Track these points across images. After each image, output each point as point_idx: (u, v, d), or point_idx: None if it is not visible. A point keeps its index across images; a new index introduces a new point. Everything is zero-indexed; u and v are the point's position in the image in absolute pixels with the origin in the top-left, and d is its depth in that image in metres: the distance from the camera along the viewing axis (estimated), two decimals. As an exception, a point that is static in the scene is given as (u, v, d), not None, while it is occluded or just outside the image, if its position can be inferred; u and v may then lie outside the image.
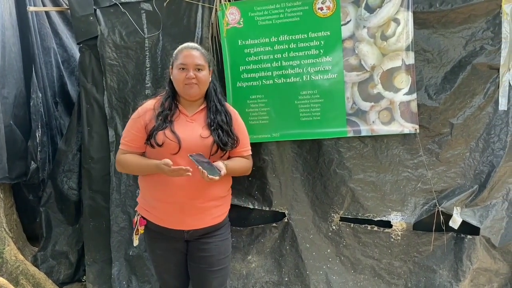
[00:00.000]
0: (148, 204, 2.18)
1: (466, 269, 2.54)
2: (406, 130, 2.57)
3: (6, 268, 3.00)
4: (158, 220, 2.14)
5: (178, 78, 2.11)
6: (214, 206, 2.15)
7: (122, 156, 2.15)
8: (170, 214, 2.10)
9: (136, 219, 2.23)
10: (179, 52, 2.17)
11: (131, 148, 2.14)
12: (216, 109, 2.19)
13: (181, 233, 2.13)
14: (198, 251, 2.17)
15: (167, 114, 2.11)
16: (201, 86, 2.13)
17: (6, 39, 3.16)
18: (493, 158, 2.54)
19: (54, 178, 3.29)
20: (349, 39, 2.57)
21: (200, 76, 2.11)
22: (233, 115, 2.25)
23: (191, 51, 2.14)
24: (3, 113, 3.11)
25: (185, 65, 2.10)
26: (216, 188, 2.13)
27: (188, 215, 2.09)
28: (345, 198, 2.70)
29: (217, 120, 2.15)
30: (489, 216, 2.55)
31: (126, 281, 2.94)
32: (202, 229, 2.14)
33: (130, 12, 2.84)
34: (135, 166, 2.14)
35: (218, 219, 2.19)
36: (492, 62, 2.50)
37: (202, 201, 2.09)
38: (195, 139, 2.07)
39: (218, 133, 2.12)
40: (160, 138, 2.04)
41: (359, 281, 2.72)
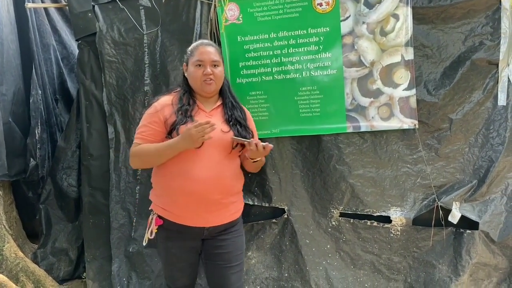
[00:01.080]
0: (166, 201, 2.13)
1: (465, 264, 2.54)
2: (405, 126, 2.58)
3: (6, 265, 3.01)
4: (177, 218, 2.10)
5: (195, 75, 2.13)
6: (231, 202, 2.17)
7: (138, 147, 2.11)
8: (191, 210, 2.07)
9: (151, 218, 2.18)
10: (194, 48, 2.18)
11: (148, 142, 2.11)
12: (233, 105, 2.23)
13: (201, 231, 2.12)
14: (214, 248, 2.17)
15: (186, 109, 2.11)
16: (218, 82, 2.16)
17: (4, 36, 3.15)
18: (492, 153, 2.55)
19: (54, 175, 3.29)
20: (348, 35, 2.57)
21: (216, 72, 2.13)
22: (246, 112, 2.30)
23: (206, 47, 2.16)
24: (1, 110, 3.11)
25: (202, 62, 2.12)
26: (234, 182, 2.17)
27: (211, 211, 2.09)
28: (344, 194, 2.71)
29: (234, 115, 2.19)
30: (488, 211, 2.56)
31: (126, 278, 2.94)
32: (221, 226, 2.14)
33: (129, 8, 2.83)
34: (156, 151, 2.07)
35: (235, 215, 2.22)
36: (491, 57, 2.50)
37: (223, 196, 2.10)
38: (216, 133, 2.06)
39: (237, 128, 2.15)
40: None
41: (358, 277, 2.73)
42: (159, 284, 2.89)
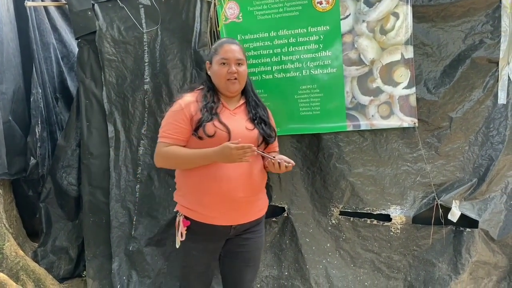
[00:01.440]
0: (193, 202, 2.10)
1: (465, 262, 2.55)
2: (405, 124, 2.58)
3: (6, 264, 3.01)
4: (205, 218, 2.07)
5: (219, 73, 2.11)
6: (258, 199, 2.18)
7: (167, 149, 2.06)
8: (220, 210, 2.05)
9: (178, 220, 2.16)
10: (219, 46, 2.16)
11: (176, 141, 2.07)
12: (256, 104, 2.22)
13: (228, 229, 2.11)
14: (237, 247, 2.18)
15: (212, 106, 2.09)
16: (241, 81, 2.15)
17: (4, 34, 3.15)
18: (492, 151, 2.55)
19: (54, 174, 3.29)
20: (348, 34, 2.57)
21: (240, 71, 2.12)
22: (268, 111, 2.30)
23: (231, 45, 2.14)
24: (1, 109, 3.11)
25: (227, 60, 2.10)
26: (260, 180, 2.17)
27: (238, 209, 2.08)
28: (344, 192, 2.71)
29: (258, 114, 2.19)
30: (488, 209, 2.56)
31: (126, 276, 2.94)
32: (247, 224, 2.14)
33: (129, 6, 2.83)
34: (186, 157, 2.05)
35: (261, 212, 2.23)
36: (491, 55, 2.50)
37: (250, 194, 2.09)
38: (242, 131, 2.07)
39: (261, 126, 2.16)
40: (211, 129, 2.01)
41: (358, 275, 2.73)
42: (159, 282, 2.90)
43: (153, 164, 2.85)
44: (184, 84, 2.83)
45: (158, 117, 2.87)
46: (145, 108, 2.90)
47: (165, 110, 2.81)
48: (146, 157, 2.92)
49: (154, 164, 2.85)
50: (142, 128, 2.92)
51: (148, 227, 2.92)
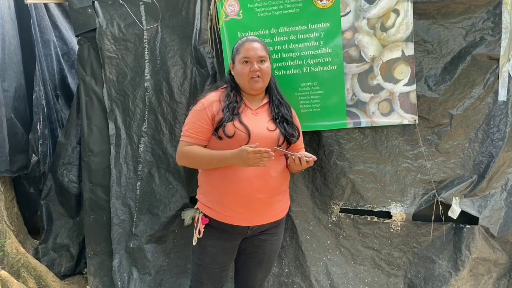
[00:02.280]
0: (212, 201, 2.12)
1: (465, 259, 2.55)
2: (405, 121, 2.57)
3: (8, 261, 3.02)
4: (223, 217, 2.09)
5: (242, 72, 2.09)
6: (278, 201, 2.15)
7: (188, 148, 2.09)
8: (237, 210, 2.06)
9: (197, 217, 2.17)
10: (240, 45, 2.15)
11: (197, 140, 2.09)
12: (280, 102, 2.20)
13: (245, 230, 2.11)
14: (252, 247, 2.19)
15: (234, 106, 2.08)
16: (265, 78, 2.13)
17: (6, 32, 3.15)
18: (492, 148, 2.55)
19: (54, 171, 3.29)
20: (348, 31, 2.56)
21: (263, 68, 2.10)
22: (292, 109, 2.27)
23: (252, 43, 2.13)
24: (4, 106, 3.12)
25: (249, 58, 2.09)
26: (280, 181, 2.13)
27: (256, 210, 2.07)
28: (345, 190, 2.71)
29: (281, 113, 2.16)
30: (488, 206, 2.56)
31: (127, 273, 2.95)
32: (265, 225, 2.13)
33: (129, 4, 2.83)
34: (204, 158, 2.07)
35: (281, 214, 2.20)
36: (492, 52, 2.49)
37: (268, 195, 2.08)
38: (263, 131, 2.06)
39: (283, 126, 2.13)
40: (230, 129, 2.02)
41: (359, 272, 2.74)
42: (159, 279, 2.91)
43: (154, 161, 2.87)
44: (184, 81, 2.83)
45: (158, 114, 2.87)
46: (146, 106, 2.90)
47: (165, 107, 2.84)
48: (147, 155, 2.92)
49: (154, 161, 2.88)
50: (143, 126, 2.92)
51: (149, 224, 2.93)
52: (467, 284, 2.61)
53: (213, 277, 2.19)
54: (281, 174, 2.13)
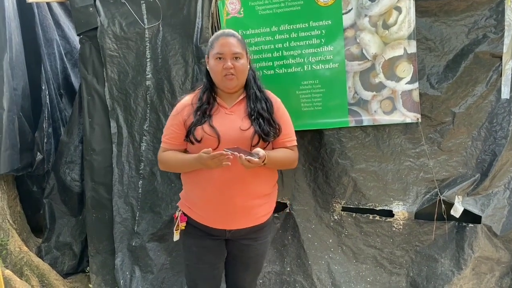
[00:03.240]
0: (191, 200, 2.11)
1: (467, 258, 2.54)
2: (408, 120, 2.56)
3: (11, 260, 3.03)
4: (200, 218, 2.06)
5: (215, 69, 1.99)
6: (258, 205, 2.05)
7: (163, 154, 2.10)
8: (212, 213, 2.02)
9: (177, 215, 2.15)
10: (214, 40, 2.03)
11: (172, 146, 2.08)
12: (256, 97, 2.06)
13: (223, 232, 2.06)
14: (237, 251, 2.15)
15: (205, 109, 2.01)
16: (240, 76, 2.00)
17: (12, 30, 3.15)
18: (495, 147, 2.53)
19: (57, 170, 3.31)
20: (350, 28, 2.55)
21: (238, 66, 1.98)
22: (274, 102, 2.11)
23: (227, 38, 2.00)
24: (15, 104, 3.15)
25: (222, 54, 1.97)
26: (260, 184, 2.04)
27: (231, 214, 2.01)
28: (347, 188, 2.70)
29: (257, 108, 2.03)
30: (491, 204, 2.55)
31: (130, 272, 2.96)
32: (245, 229, 2.06)
33: (130, 2, 2.82)
34: (176, 163, 2.07)
35: (262, 219, 2.10)
36: (494, 50, 2.47)
37: (245, 199, 1.99)
38: (234, 132, 1.97)
39: (259, 122, 1.99)
40: (199, 133, 1.97)
41: (361, 271, 2.73)
42: (162, 278, 2.91)
43: (156, 160, 2.87)
44: (186, 80, 2.83)
45: (160, 113, 2.88)
46: (147, 104, 2.90)
47: (167, 106, 2.84)
48: (149, 153, 2.92)
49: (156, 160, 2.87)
50: (144, 124, 2.92)
51: (151, 223, 2.93)
52: (470, 283, 2.59)
53: (204, 276, 2.16)
54: (262, 177, 2.03)
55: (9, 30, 3.10)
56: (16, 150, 3.15)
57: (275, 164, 2.04)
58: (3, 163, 3.04)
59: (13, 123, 3.13)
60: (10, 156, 3.10)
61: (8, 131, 3.08)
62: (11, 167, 3.13)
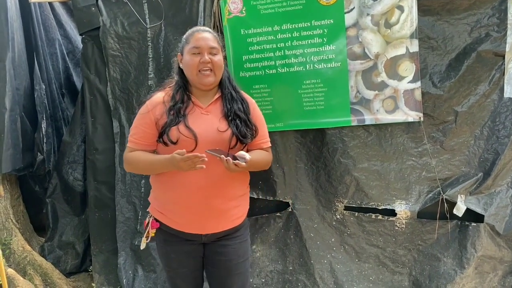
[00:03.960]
0: (163, 206, 2.00)
1: (470, 257, 2.54)
2: (410, 119, 2.56)
3: (14, 259, 3.04)
4: (174, 224, 1.97)
5: (191, 64, 1.91)
6: (233, 207, 1.99)
7: (130, 154, 1.96)
8: (187, 218, 1.94)
9: (147, 221, 2.05)
10: (190, 35, 1.98)
11: (140, 146, 1.95)
12: (232, 97, 2.00)
13: (199, 237, 1.98)
14: (215, 254, 2.02)
15: (179, 108, 1.91)
16: (217, 71, 1.94)
17: (14, 30, 3.16)
18: (498, 145, 2.53)
19: (60, 169, 3.32)
20: (352, 27, 2.55)
21: (215, 61, 1.91)
22: (250, 103, 2.06)
23: (203, 33, 1.95)
24: (17, 104, 3.16)
25: (199, 48, 1.90)
26: (235, 186, 1.98)
27: (207, 218, 1.93)
28: (349, 187, 2.70)
29: (233, 109, 1.97)
30: (494, 203, 2.54)
31: (132, 271, 2.96)
32: (221, 232, 1.99)
33: (132, 2, 2.83)
34: (145, 164, 1.94)
35: (237, 221, 2.03)
36: (497, 49, 2.47)
37: (221, 201, 1.93)
38: (212, 133, 1.90)
39: (236, 124, 1.94)
40: (174, 134, 1.87)
41: (363, 270, 2.73)
42: (164, 277, 2.91)
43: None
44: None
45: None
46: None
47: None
48: (151, 153, 2.93)
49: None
50: (147, 124, 2.92)
51: (153, 222, 2.93)
52: (473, 282, 2.59)
53: (187, 280, 2.09)
54: (237, 178, 1.97)
55: (12, 30, 3.10)
56: (18, 149, 3.15)
57: (254, 166, 1.95)
58: (5, 163, 3.04)
59: (15, 123, 3.13)
60: (12, 155, 3.10)
61: (11, 130, 3.08)
62: (13, 166, 3.13)
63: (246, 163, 1.78)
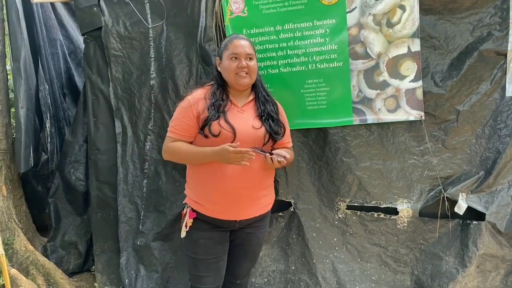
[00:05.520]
0: (200, 196, 2.16)
1: (472, 255, 2.54)
2: (412, 118, 2.56)
3: (17, 259, 3.04)
4: (211, 212, 2.12)
5: (229, 68, 2.11)
6: (263, 195, 2.20)
7: (172, 144, 2.12)
8: (224, 206, 2.10)
9: (185, 211, 2.19)
10: (229, 42, 2.17)
11: (182, 137, 2.12)
12: (265, 99, 2.22)
13: (233, 223, 2.15)
14: (239, 239, 2.24)
15: (220, 104, 2.10)
16: (252, 75, 2.14)
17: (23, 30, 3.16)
18: (499, 144, 2.53)
19: (62, 169, 3.32)
20: (354, 27, 2.55)
21: (251, 65, 2.12)
22: (278, 106, 2.28)
23: (241, 41, 2.15)
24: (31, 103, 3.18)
25: (237, 55, 2.11)
26: (264, 177, 2.18)
27: (242, 205, 2.12)
28: (351, 186, 2.70)
29: (267, 110, 2.18)
30: (495, 202, 2.55)
31: (134, 271, 2.97)
32: (251, 219, 2.18)
33: (134, 2, 2.83)
34: (188, 154, 2.11)
35: (266, 208, 2.25)
36: (499, 48, 2.47)
37: (254, 190, 2.13)
38: (248, 130, 2.09)
39: (269, 123, 2.15)
40: (216, 128, 2.03)
41: (365, 269, 2.73)
42: (167, 276, 2.92)
43: (160, 159, 2.88)
44: (190, 79, 2.84)
45: (164, 112, 2.88)
46: (152, 104, 2.91)
47: (171, 105, 2.84)
48: (153, 152, 2.93)
49: (161, 159, 2.89)
50: (149, 124, 2.93)
51: (156, 222, 2.94)
52: (475, 280, 2.60)
53: (210, 268, 2.19)
54: (266, 170, 2.16)
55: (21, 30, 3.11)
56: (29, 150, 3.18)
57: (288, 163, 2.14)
58: (23, 162, 3.07)
59: (30, 122, 3.17)
60: (28, 155, 3.15)
61: (27, 129, 3.12)
62: (29, 166, 3.17)
63: (287, 160, 2.02)
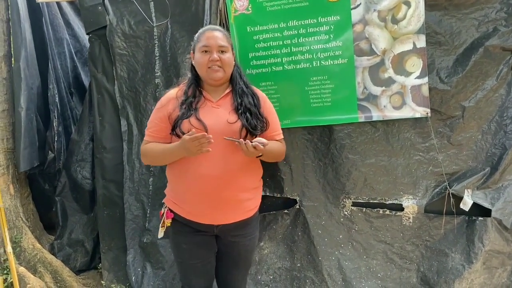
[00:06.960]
0: (177, 196, 2.09)
1: (478, 251, 2.53)
2: (417, 114, 2.55)
3: (24, 257, 3.07)
4: (187, 214, 2.04)
5: (201, 62, 2.01)
6: (246, 199, 2.06)
7: (146, 146, 2.08)
8: (200, 208, 2.01)
9: (163, 211, 2.13)
10: (200, 34, 2.07)
11: (155, 139, 2.06)
12: (243, 91, 2.08)
13: (211, 228, 2.05)
14: (225, 247, 2.14)
15: (191, 102, 2.01)
16: (226, 68, 2.03)
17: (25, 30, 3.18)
18: (506, 140, 2.52)
19: (68, 168, 3.34)
20: (359, 23, 2.54)
21: (224, 58, 2.01)
22: (261, 97, 2.14)
23: (213, 32, 2.04)
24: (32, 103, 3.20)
25: (208, 47, 2.00)
26: (247, 178, 2.06)
27: (219, 209, 2.00)
28: (356, 183, 2.70)
29: (244, 103, 2.04)
30: (501, 198, 2.54)
31: (141, 268, 2.98)
32: (232, 224, 2.05)
33: (138, 1, 2.84)
34: (158, 153, 2.04)
35: (249, 213, 2.10)
36: (505, 43, 2.46)
37: (234, 193, 2.00)
38: (222, 125, 1.97)
39: (246, 116, 2.01)
40: (186, 126, 1.95)
41: (371, 267, 2.73)
42: (173, 274, 2.93)
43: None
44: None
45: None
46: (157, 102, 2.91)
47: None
48: (159, 150, 2.94)
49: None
50: (154, 122, 2.94)
51: (162, 220, 2.95)
52: (481, 277, 2.58)
53: (198, 271, 2.15)
54: (248, 169, 2.04)
55: (23, 30, 3.13)
56: (34, 148, 3.20)
57: (271, 153, 2.06)
58: (22, 161, 3.09)
59: (31, 122, 3.18)
60: (29, 154, 3.16)
61: (27, 129, 3.13)
62: (31, 165, 3.18)
63: (264, 146, 1.87)
